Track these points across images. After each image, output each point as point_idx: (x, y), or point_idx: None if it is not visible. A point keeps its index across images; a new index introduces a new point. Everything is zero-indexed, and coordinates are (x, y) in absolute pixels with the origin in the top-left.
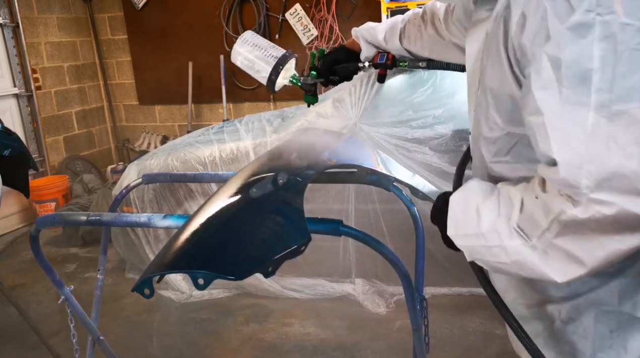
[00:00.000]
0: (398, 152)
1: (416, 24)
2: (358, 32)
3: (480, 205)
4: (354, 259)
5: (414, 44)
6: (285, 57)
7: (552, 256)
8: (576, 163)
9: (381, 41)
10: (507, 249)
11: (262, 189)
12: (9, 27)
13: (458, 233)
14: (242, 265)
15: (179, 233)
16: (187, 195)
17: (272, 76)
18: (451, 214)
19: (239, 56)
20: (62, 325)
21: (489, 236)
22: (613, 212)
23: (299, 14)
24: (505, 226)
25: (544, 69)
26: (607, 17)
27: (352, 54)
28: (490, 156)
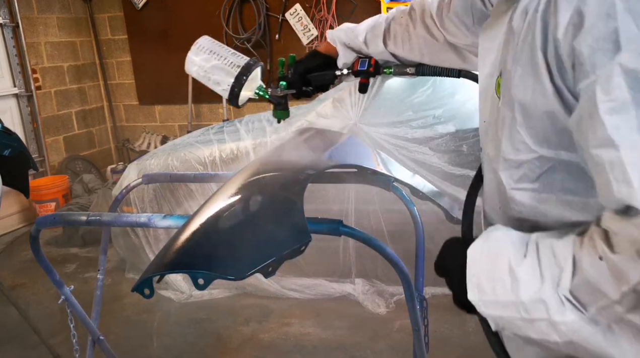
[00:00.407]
0: (398, 152)
1: (403, 23)
2: (334, 35)
3: (514, 265)
4: (354, 259)
5: (401, 46)
6: (250, 66)
7: (621, 335)
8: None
9: (362, 44)
10: (558, 325)
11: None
12: (9, 27)
13: (485, 299)
14: (242, 265)
15: (179, 233)
16: (187, 195)
17: (234, 87)
18: (473, 275)
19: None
20: (62, 325)
21: (532, 308)
22: None
23: (299, 14)
24: (553, 294)
25: (616, 87)
26: None
27: (327, 60)
28: (513, 182)
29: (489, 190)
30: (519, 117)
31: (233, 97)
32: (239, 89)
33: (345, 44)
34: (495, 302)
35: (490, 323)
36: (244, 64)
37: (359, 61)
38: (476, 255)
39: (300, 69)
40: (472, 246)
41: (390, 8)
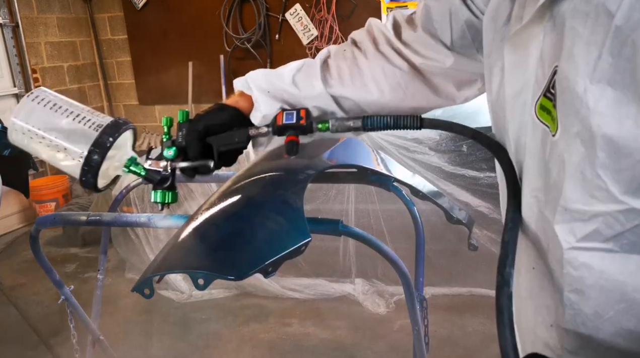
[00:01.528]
0: (398, 152)
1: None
2: (248, 80)
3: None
4: (354, 259)
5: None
6: (118, 126)
7: None
8: None
9: (288, 86)
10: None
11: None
12: (9, 27)
13: None
14: (242, 265)
15: (179, 233)
16: (187, 195)
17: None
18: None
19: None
20: (62, 325)
21: None
22: None
23: (299, 14)
24: None
25: None
26: None
27: (237, 115)
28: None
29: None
30: (602, 156)
31: (89, 172)
32: (100, 158)
33: (265, 89)
34: None
35: None
36: (109, 123)
37: (283, 113)
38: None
39: (199, 128)
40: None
41: (390, 8)
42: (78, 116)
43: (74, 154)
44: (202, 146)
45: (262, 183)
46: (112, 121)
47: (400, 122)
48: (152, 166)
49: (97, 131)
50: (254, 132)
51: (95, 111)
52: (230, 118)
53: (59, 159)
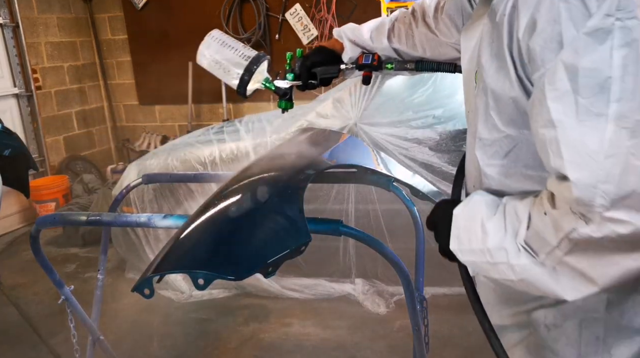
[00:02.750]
0: (398, 152)
1: (406, 22)
2: (341, 32)
3: (485, 221)
4: (354, 259)
5: (404, 42)
6: (259, 58)
7: (561, 274)
8: (591, 182)
9: (367, 40)
10: (515, 267)
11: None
12: (9, 27)
13: (462, 248)
14: (242, 265)
15: (179, 233)
16: (187, 195)
17: (244, 76)
18: (455, 229)
19: (204, 58)
20: (62, 325)
21: (495, 254)
22: (628, 231)
23: (299, 14)
24: (512, 243)
25: (559, 79)
26: (628, 23)
27: (332, 55)
28: (486, 158)
29: (469, 168)
30: (491, 102)
31: (242, 87)
32: (248, 77)
33: (352, 40)
34: (469, 250)
35: (469, 269)
36: (254, 56)
37: (363, 55)
38: (459, 213)
39: (307, 63)
40: (457, 207)
41: (390, 8)
42: (237, 50)
43: (234, 73)
44: (310, 73)
45: (262, 182)
46: (256, 55)
47: (441, 67)
48: (278, 84)
49: (247, 61)
50: (344, 67)
51: (246, 46)
52: (327, 56)
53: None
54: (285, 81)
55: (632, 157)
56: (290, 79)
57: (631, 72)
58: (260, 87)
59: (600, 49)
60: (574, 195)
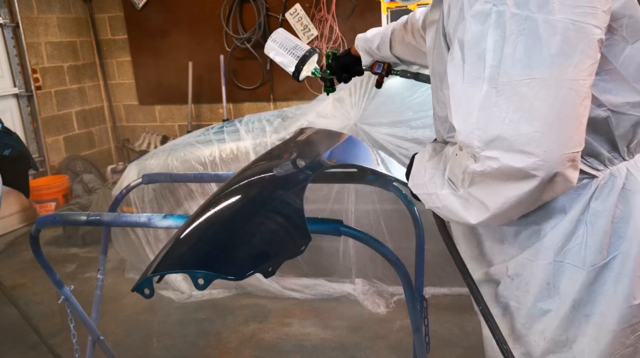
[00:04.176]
0: (398, 152)
1: (400, 34)
2: (357, 43)
3: (427, 161)
4: (354, 259)
5: (400, 51)
6: (306, 57)
7: (469, 202)
8: (469, 129)
9: (375, 50)
10: (440, 196)
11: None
12: (9, 27)
13: (413, 183)
14: (242, 265)
15: (179, 233)
16: (187, 195)
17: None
18: (411, 169)
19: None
20: (62, 325)
21: (429, 185)
22: (498, 165)
23: (299, 14)
24: (441, 177)
25: (455, 51)
26: (501, 8)
27: (357, 59)
28: (445, 132)
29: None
30: (437, 83)
31: (294, 77)
32: (297, 72)
33: (365, 50)
34: (416, 184)
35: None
36: (306, 51)
37: (376, 64)
38: (415, 157)
39: (340, 62)
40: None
41: (390, 8)
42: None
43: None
44: (342, 70)
45: (262, 183)
46: (304, 53)
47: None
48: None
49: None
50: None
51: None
52: (353, 60)
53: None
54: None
55: (496, 109)
56: (328, 73)
57: (500, 47)
58: (310, 75)
59: (480, 27)
60: (460, 139)
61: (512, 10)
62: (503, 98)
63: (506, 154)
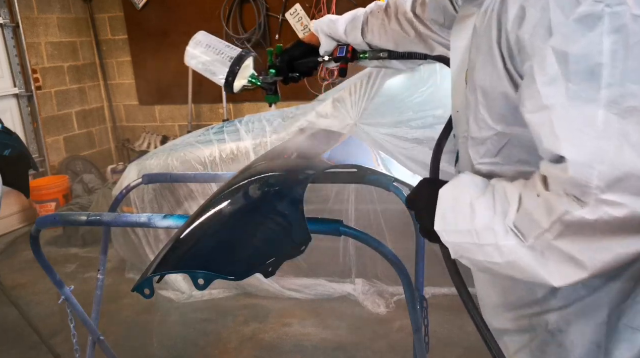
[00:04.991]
0: (398, 152)
1: (379, 17)
2: (317, 26)
3: (474, 201)
4: (354, 259)
5: (377, 38)
6: (242, 57)
7: (550, 258)
8: (586, 162)
9: (342, 34)
10: (502, 248)
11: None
12: (9, 27)
13: (447, 228)
14: (242, 265)
15: (179, 233)
16: (187, 195)
17: (228, 77)
18: (440, 208)
19: (192, 59)
20: (62, 325)
21: (483, 234)
22: (623, 214)
23: (299, 14)
24: (501, 224)
25: (549, 65)
26: (618, 9)
27: (310, 48)
28: (478, 157)
29: (463, 166)
30: (481, 99)
31: (228, 85)
32: (232, 77)
33: (327, 34)
34: (455, 231)
35: (450, 251)
36: (237, 55)
37: (338, 48)
38: (446, 193)
39: (286, 58)
40: (443, 187)
41: None
42: (220, 52)
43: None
44: (290, 67)
45: (262, 183)
46: (237, 55)
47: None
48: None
49: (230, 61)
50: (320, 60)
51: (231, 46)
52: (306, 50)
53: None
54: (269, 76)
55: (624, 140)
56: (272, 74)
57: (620, 58)
58: (247, 84)
59: (590, 35)
60: (570, 175)
61: (634, 12)
62: (632, 126)
63: (637, 200)
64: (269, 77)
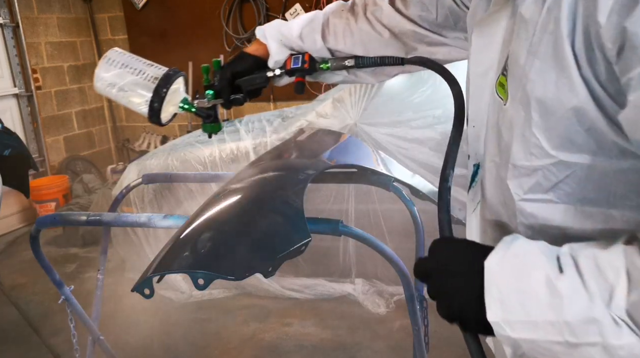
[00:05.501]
0: (398, 152)
1: (344, 17)
2: (264, 31)
3: (553, 279)
4: (354, 259)
5: (342, 41)
6: (170, 76)
7: None
8: None
9: (296, 39)
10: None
11: (262, 189)
12: (9, 27)
13: (511, 318)
14: (242, 265)
15: (179, 233)
16: (187, 195)
17: (154, 102)
18: (494, 290)
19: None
20: (62, 325)
21: (579, 329)
22: None
23: (299, 14)
24: (606, 314)
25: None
26: None
27: (257, 61)
28: (522, 192)
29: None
30: (535, 117)
31: (154, 114)
32: (159, 103)
33: (278, 40)
34: (526, 322)
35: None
36: (163, 75)
37: (291, 58)
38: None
39: (227, 75)
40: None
41: None
42: (141, 71)
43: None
44: (232, 87)
45: (262, 183)
46: (165, 73)
47: (385, 60)
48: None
49: (154, 83)
50: (271, 74)
51: (155, 64)
52: (252, 64)
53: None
54: (206, 100)
55: None
56: (210, 96)
57: None
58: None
59: None
60: None
61: None
62: None
63: None
64: (206, 100)
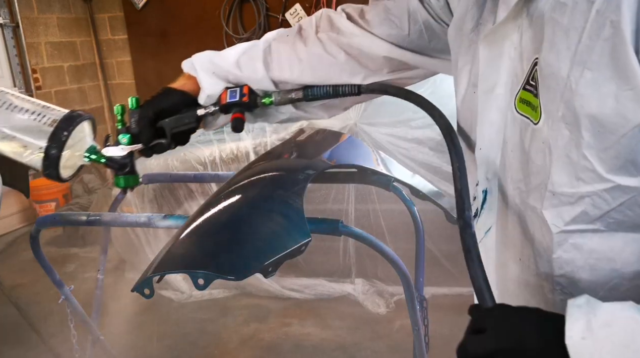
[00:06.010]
0: (398, 152)
1: (289, 41)
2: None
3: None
4: (354, 259)
5: (287, 70)
6: (73, 119)
7: None
8: None
9: (232, 67)
10: None
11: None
12: (9, 27)
13: None
14: (242, 265)
15: (179, 233)
16: (187, 195)
17: (50, 150)
18: None
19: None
20: (62, 325)
21: None
22: None
23: (299, 14)
24: None
25: None
26: None
27: (184, 98)
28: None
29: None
30: (587, 136)
31: (50, 164)
32: (58, 151)
33: (210, 71)
34: None
35: None
36: (64, 117)
37: (227, 91)
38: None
39: (149, 114)
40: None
41: None
42: (34, 113)
43: (34, 148)
44: (154, 129)
45: (262, 182)
46: (66, 115)
47: (339, 90)
48: (110, 153)
49: (52, 127)
50: (202, 112)
51: (52, 106)
52: (179, 101)
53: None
54: (120, 147)
55: None
56: (126, 142)
57: None
58: (85, 163)
59: None
60: None
61: None
62: None
63: None
64: (120, 148)
